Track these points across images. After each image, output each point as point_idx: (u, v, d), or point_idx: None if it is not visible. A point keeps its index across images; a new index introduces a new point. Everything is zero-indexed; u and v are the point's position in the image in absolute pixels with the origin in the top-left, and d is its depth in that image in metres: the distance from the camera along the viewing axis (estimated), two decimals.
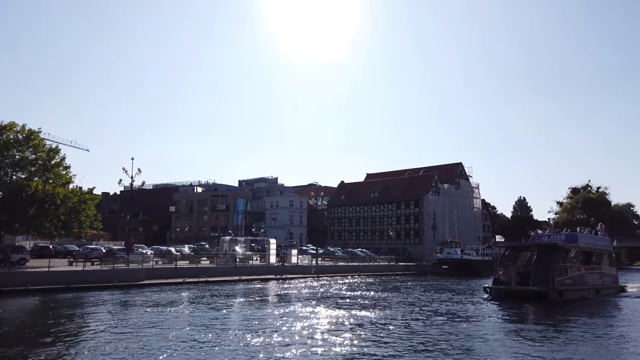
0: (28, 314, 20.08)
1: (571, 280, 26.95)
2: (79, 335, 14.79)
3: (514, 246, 32.99)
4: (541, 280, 25.31)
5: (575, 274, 27.63)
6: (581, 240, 29.92)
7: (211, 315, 19.08)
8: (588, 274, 29.24)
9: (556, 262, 25.97)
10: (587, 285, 28.89)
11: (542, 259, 27.13)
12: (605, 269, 31.68)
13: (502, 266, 28.74)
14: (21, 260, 33.55)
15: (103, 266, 33.26)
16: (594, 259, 30.62)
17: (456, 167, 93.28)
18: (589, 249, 30.26)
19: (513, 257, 29.03)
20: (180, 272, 36.45)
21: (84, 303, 23.24)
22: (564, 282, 26.24)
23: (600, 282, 30.46)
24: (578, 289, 27.42)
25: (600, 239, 32.83)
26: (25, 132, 35.81)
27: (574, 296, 26.62)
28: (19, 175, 35.23)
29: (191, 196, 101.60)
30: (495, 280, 28.01)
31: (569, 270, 27.07)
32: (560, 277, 25.94)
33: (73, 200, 35.84)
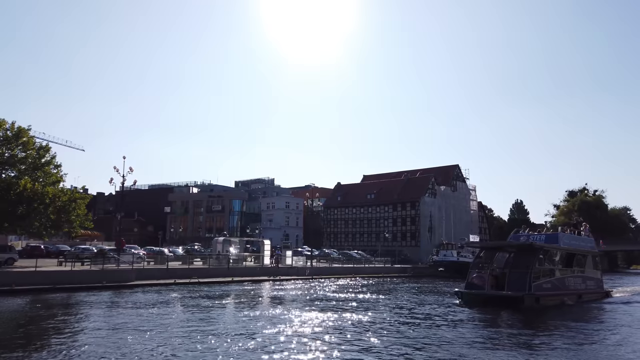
0: (9, 315, 19.55)
1: (550, 284, 24.74)
2: (54, 336, 14.29)
3: (489, 246, 30.33)
4: (517, 284, 23.17)
5: (554, 277, 25.47)
6: (562, 240, 27.25)
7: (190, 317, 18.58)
8: (569, 277, 26.89)
9: (533, 265, 23.65)
10: (568, 289, 26.40)
11: (519, 261, 24.66)
12: (589, 272, 29.45)
13: (475, 268, 26.02)
14: (9, 260, 33.08)
15: (92, 266, 32.75)
16: (577, 261, 28.20)
17: (453, 169, 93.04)
18: (571, 250, 27.71)
19: (488, 259, 26.38)
20: (171, 273, 35.96)
21: (68, 304, 22.75)
22: (542, 286, 23.99)
23: (583, 286, 28.03)
24: (558, 293, 25.13)
25: (584, 239, 30.24)
26: (15, 130, 35.30)
27: (553, 302, 24.33)
28: (7, 174, 34.70)
29: (186, 197, 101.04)
30: (468, 284, 25.30)
31: (548, 273, 25.04)
32: (538, 280, 23.76)
33: (63, 200, 35.29)
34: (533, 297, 22.87)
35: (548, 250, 25.57)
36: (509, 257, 25.77)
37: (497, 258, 26.34)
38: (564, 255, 27.19)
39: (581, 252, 28.76)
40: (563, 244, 27.00)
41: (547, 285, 24.54)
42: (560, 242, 26.87)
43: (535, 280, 23.41)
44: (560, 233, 28.50)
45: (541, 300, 23.29)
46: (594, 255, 30.81)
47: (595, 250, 31.09)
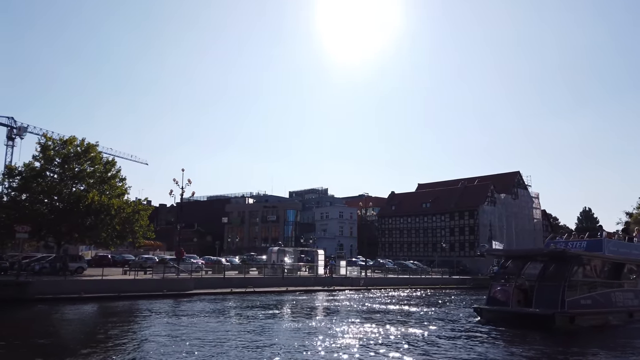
0: (81, 321, 20.65)
1: (590, 300, 20.59)
2: (115, 343, 14.84)
3: (515, 255, 25.69)
4: (547, 300, 19.45)
5: (596, 292, 21.19)
6: (607, 248, 23.08)
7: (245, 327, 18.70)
8: (617, 292, 22.34)
9: (567, 276, 19.83)
10: (615, 306, 21.95)
11: (550, 273, 20.92)
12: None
13: (499, 281, 22.34)
14: (79, 269, 35.05)
15: (154, 275, 34.05)
16: (627, 272, 23.93)
17: (513, 176, 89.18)
18: (619, 259, 23.42)
19: (516, 270, 22.49)
20: (228, 282, 36.70)
21: (130, 311, 23.74)
22: (579, 302, 19.97)
23: (635, 302, 23.27)
24: (600, 311, 21.01)
25: (637, 247, 25.78)
26: (84, 146, 37.64)
27: (594, 321, 20.37)
28: (78, 187, 36.98)
29: (242, 207, 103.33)
30: (490, 299, 21.69)
31: (587, 286, 20.89)
32: (574, 295, 19.76)
33: (127, 211, 37.15)
34: (566, 316, 18.99)
35: (588, 259, 21.72)
36: (540, 268, 21.86)
37: (528, 269, 22.61)
38: (609, 266, 23.13)
39: (633, 261, 24.49)
40: (608, 252, 23.01)
41: (586, 302, 20.47)
42: (605, 249, 22.90)
43: (571, 295, 19.55)
44: (604, 239, 23.70)
45: (577, 319, 19.36)
46: None
47: None
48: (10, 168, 37.34)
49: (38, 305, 24.41)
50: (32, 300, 25.47)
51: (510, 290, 20.88)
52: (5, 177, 36.65)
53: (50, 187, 35.16)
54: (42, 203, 35.58)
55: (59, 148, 36.54)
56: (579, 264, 20.93)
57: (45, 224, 34.56)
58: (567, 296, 19.20)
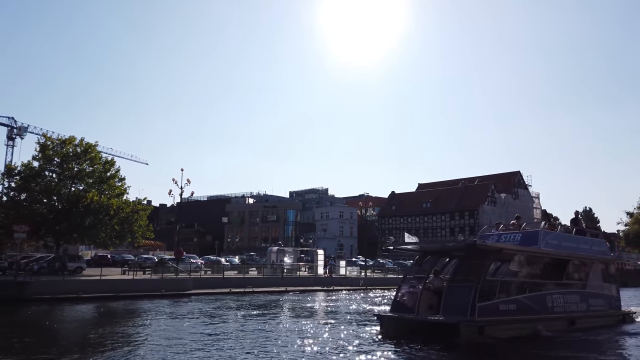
0: (77, 321, 20.65)
1: (515, 304, 16.24)
2: (110, 342, 14.78)
3: (429, 250, 20.75)
4: (455, 305, 15.50)
5: (525, 294, 16.86)
6: (545, 241, 18.53)
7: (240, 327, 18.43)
8: (556, 294, 18.05)
9: (483, 276, 15.64)
10: (551, 312, 17.63)
11: (464, 271, 17.30)
12: (595, 287, 20.32)
13: (408, 281, 18.01)
14: (78, 269, 35.08)
15: (153, 275, 34.03)
16: (572, 270, 19.63)
17: (514, 176, 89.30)
18: (560, 254, 18.91)
19: (430, 268, 18.07)
20: (227, 282, 36.66)
21: (127, 311, 23.71)
22: (497, 308, 15.62)
23: (582, 307, 19.01)
24: (526, 318, 16.45)
25: (587, 241, 20.98)
26: (84, 146, 37.65)
27: (515, 331, 15.88)
28: (77, 187, 36.99)
29: (243, 207, 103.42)
30: (395, 304, 17.53)
31: (513, 288, 16.61)
32: (491, 299, 15.46)
33: (126, 211, 37.16)
34: (474, 325, 14.68)
35: (513, 254, 17.24)
36: (454, 267, 18.27)
37: (450, 268, 18.47)
38: (547, 263, 18.77)
39: (580, 258, 19.96)
40: (546, 245, 18.35)
41: (508, 307, 16.01)
42: (541, 243, 18.19)
43: (485, 298, 15.28)
44: (541, 230, 18.75)
45: (489, 329, 15.00)
46: (606, 263, 21.92)
47: (607, 257, 22.19)
48: (10, 168, 37.37)
49: (36, 306, 24.41)
50: (31, 300, 25.43)
51: (418, 292, 16.70)
52: (4, 177, 36.70)
53: (49, 187, 35.18)
54: (41, 203, 35.60)
55: (57, 148, 36.52)
56: (500, 260, 16.91)
57: (44, 223, 34.59)
58: (479, 300, 14.97)
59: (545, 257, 18.60)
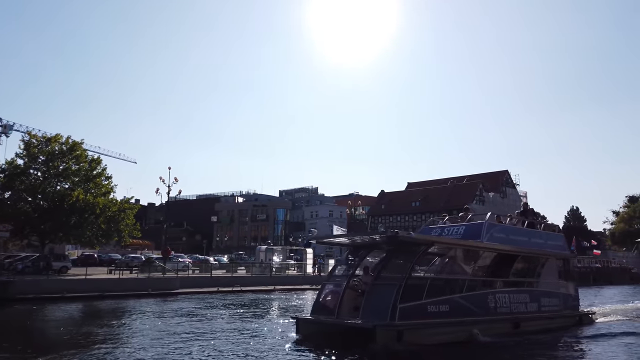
0: (57, 321, 20.35)
1: (447, 305, 14.05)
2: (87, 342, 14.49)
3: (356, 243, 17.13)
4: (376, 306, 13.32)
5: (460, 294, 14.65)
6: (490, 234, 16.35)
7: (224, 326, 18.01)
8: (500, 293, 16.01)
9: (408, 272, 13.55)
10: (493, 313, 15.47)
11: (391, 267, 14.84)
12: (549, 285, 18.46)
13: (333, 279, 16.06)
14: (63, 268, 34.61)
15: (139, 275, 33.74)
16: (524, 267, 17.99)
17: (502, 175, 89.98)
18: (506, 249, 16.82)
19: (360, 264, 15.73)
20: (215, 281, 36.49)
21: (110, 310, 23.39)
22: (424, 309, 13.47)
23: (531, 307, 17.01)
24: (457, 322, 14.15)
25: (541, 234, 19.02)
26: (69, 144, 37.23)
27: (446, 336, 13.58)
28: (62, 186, 36.56)
29: (232, 206, 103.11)
30: (316, 304, 15.53)
31: (445, 287, 14.66)
32: (417, 299, 13.40)
33: (113, 210, 36.83)
34: (392, 330, 12.62)
35: (448, 248, 15.46)
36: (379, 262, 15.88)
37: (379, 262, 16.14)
38: (491, 258, 16.85)
39: (531, 253, 17.98)
40: (490, 239, 16.31)
41: (438, 308, 13.83)
42: (484, 236, 16.14)
43: (410, 298, 13.18)
44: (486, 222, 16.70)
45: (409, 334, 12.84)
46: (564, 259, 20.08)
47: (564, 253, 20.10)
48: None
49: (20, 305, 24.08)
50: (14, 299, 25.07)
51: (340, 292, 14.62)
52: None
53: (34, 186, 34.76)
54: (25, 201, 35.17)
55: (43, 146, 36.09)
56: (433, 255, 15.36)
57: (28, 222, 34.16)
58: (402, 300, 12.93)
59: (488, 251, 16.55)
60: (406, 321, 12.92)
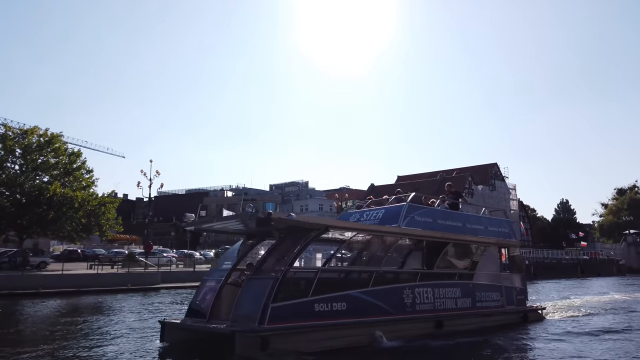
0: (24, 317, 19.70)
1: (345, 303, 11.34)
2: (44, 338, 13.83)
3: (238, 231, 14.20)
4: (248, 305, 10.72)
5: (364, 289, 11.93)
6: (410, 218, 13.76)
7: None
8: (420, 287, 13.26)
9: (289, 264, 10.90)
10: (410, 311, 12.78)
11: (274, 258, 11.96)
12: (488, 277, 15.67)
13: (214, 274, 13.47)
14: (42, 264, 33.93)
15: (119, 270, 33.11)
16: (454, 256, 15.36)
17: (491, 167, 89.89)
18: (427, 236, 14.06)
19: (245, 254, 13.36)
20: (198, 276, 35.87)
21: (80, 307, 22.60)
22: (310, 309, 10.79)
23: (464, 302, 14.36)
24: (352, 323, 11.35)
25: (479, 219, 16.59)
26: (47, 136, 36.35)
27: (338, 341, 10.99)
28: (41, 179, 35.71)
29: (221, 200, 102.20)
30: (191, 304, 12.66)
31: (345, 280, 12.51)
32: (298, 297, 10.76)
33: (93, 204, 36.04)
34: (255, 337, 9.88)
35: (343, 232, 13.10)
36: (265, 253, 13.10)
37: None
38: (411, 246, 14.58)
39: (465, 240, 15.36)
40: (411, 224, 13.69)
41: (331, 307, 11.05)
42: (402, 220, 13.49)
43: (290, 296, 10.62)
44: (406, 204, 14.04)
45: (278, 341, 10.10)
46: (508, 248, 17.23)
47: (509, 240, 17.23)
48: None
49: None
50: None
51: (217, 290, 12.13)
52: None
53: (11, 179, 33.86)
54: (2, 195, 34.25)
55: (19, 138, 35.17)
56: (331, 242, 13.45)
57: (5, 217, 33.29)
58: (277, 299, 10.27)
59: (408, 238, 14.09)
60: (280, 324, 10.19)
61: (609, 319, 17.65)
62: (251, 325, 10.10)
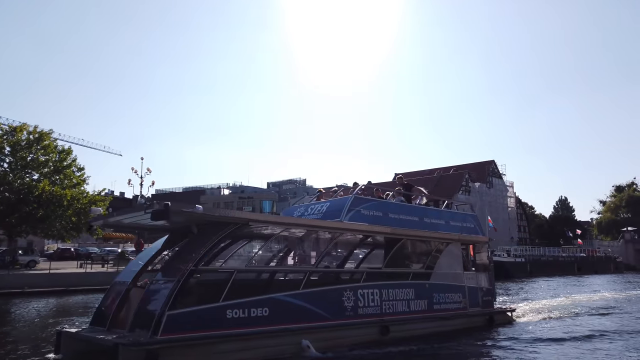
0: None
1: (267, 308, 9.82)
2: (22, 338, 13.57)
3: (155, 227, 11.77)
4: (142, 314, 9.13)
5: (293, 291, 10.46)
6: (356, 211, 12.41)
7: None
8: (364, 288, 11.79)
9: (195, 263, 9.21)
10: (351, 316, 11.29)
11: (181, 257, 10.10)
12: (448, 277, 14.13)
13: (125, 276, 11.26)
14: (31, 262, 33.63)
15: (108, 268, 32.81)
16: (408, 254, 13.78)
17: (488, 165, 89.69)
18: (372, 231, 12.70)
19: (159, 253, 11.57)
20: None
21: (64, 306, 22.38)
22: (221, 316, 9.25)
23: (418, 305, 12.88)
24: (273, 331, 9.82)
25: (437, 213, 15.03)
26: (37, 134, 35.94)
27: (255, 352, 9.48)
28: (30, 177, 35.31)
29: (218, 198, 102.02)
30: (96, 310, 10.91)
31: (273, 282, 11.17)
32: (205, 302, 9.21)
33: (83, 202, 35.63)
34: (140, 351, 8.27)
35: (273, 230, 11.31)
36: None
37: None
38: (355, 243, 13.38)
39: (420, 236, 13.82)
40: (356, 218, 12.29)
41: (245, 313, 9.52)
42: (346, 214, 12.11)
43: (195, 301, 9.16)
44: (352, 196, 12.66)
45: (171, 355, 8.53)
46: (474, 244, 15.67)
47: (474, 236, 15.65)
48: None
49: None
50: None
51: (121, 294, 10.38)
52: None
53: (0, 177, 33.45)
54: None
55: (8, 136, 34.75)
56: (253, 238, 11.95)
57: None
58: (176, 305, 8.76)
59: (348, 234, 12.44)
60: (177, 334, 8.67)
61: (584, 321, 16.16)
62: (140, 337, 8.58)
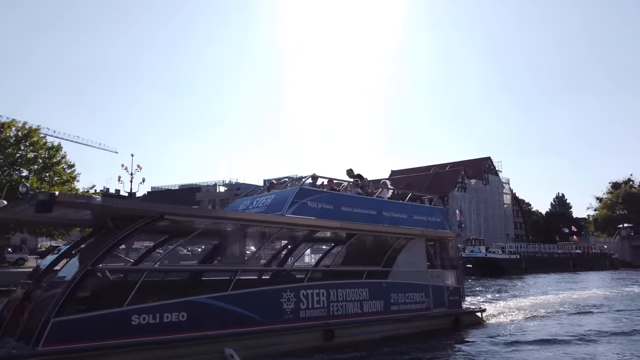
0: None
1: (184, 312, 8.62)
2: None
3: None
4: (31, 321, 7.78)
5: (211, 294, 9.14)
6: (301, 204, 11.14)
7: None
8: (307, 288, 10.62)
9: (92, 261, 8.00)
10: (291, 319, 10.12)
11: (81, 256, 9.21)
12: (409, 275, 12.89)
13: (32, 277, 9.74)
14: (19, 260, 33.31)
15: None
16: (364, 250, 12.87)
17: (484, 161, 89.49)
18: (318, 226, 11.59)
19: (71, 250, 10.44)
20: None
21: None
22: (126, 322, 7.98)
23: (373, 306, 11.71)
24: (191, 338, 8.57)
25: (398, 207, 13.72)
26: (26, 130, 35.59)
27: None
28: (18, 174, 34.91)
29: (213, 196, 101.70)
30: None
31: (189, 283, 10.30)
32: (106, 307, 7.89)
33: None
34: None
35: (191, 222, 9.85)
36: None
37: None
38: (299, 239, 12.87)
39: (375, 231, 12.65)
40: (300, 211, 11.06)
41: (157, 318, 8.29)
42: (288, 208, 10.90)
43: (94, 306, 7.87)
44: (297, 188, 11.55)
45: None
46: (439, 240, 14.59)
47: (440, 231, 14.50)
48: None
49: None
50: None
51: (19, 297, 8.94)
52: None
53: None
54: None
55: None
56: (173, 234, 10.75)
57: None
58: (67, 311, 7.57)
59: (289, 229, 11.33)
60: (64, 345, 7.40)
61: (564, 321, 15.19)
62: (19, 349, 7.39)
